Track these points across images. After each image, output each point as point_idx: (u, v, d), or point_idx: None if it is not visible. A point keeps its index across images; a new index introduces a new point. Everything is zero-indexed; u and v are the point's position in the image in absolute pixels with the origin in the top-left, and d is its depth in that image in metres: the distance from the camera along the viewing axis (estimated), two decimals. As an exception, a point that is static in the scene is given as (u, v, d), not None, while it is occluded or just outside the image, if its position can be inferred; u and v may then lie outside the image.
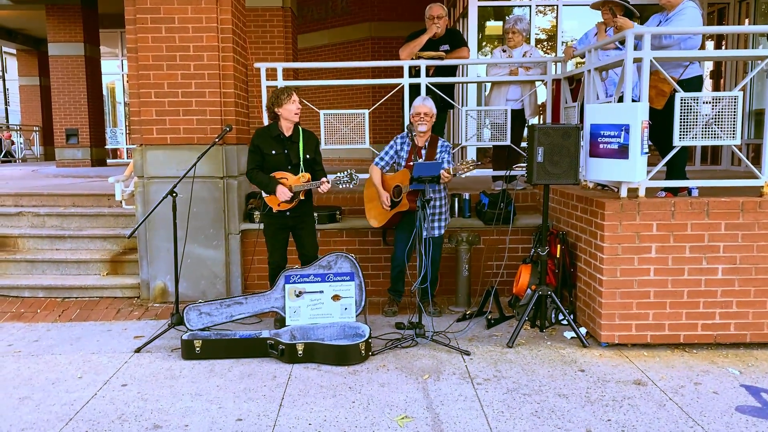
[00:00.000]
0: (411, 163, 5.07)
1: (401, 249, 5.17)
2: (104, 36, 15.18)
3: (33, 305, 5.59)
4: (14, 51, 19.70)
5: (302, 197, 4.70)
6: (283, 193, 4.62)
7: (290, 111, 4.65)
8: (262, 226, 5.70)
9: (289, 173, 4.69)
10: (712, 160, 8.74)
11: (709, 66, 8.97)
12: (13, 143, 19.75)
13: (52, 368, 4.18)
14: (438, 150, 5.01)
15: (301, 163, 4.72)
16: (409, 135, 4.98)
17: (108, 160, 15.49)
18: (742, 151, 6.71)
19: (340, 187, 4.66)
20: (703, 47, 5.43)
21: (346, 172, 4.59)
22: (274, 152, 4.69)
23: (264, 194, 4.75)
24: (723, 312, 4.35)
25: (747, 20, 8.42)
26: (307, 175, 4.69)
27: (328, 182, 4.62)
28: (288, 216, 4.76)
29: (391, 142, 5.19)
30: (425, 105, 5.02)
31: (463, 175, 4.72)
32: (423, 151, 5.05)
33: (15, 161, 19.20)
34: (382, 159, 5.17)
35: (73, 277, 6.00)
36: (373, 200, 5.22)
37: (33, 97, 19.07)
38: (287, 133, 4.72)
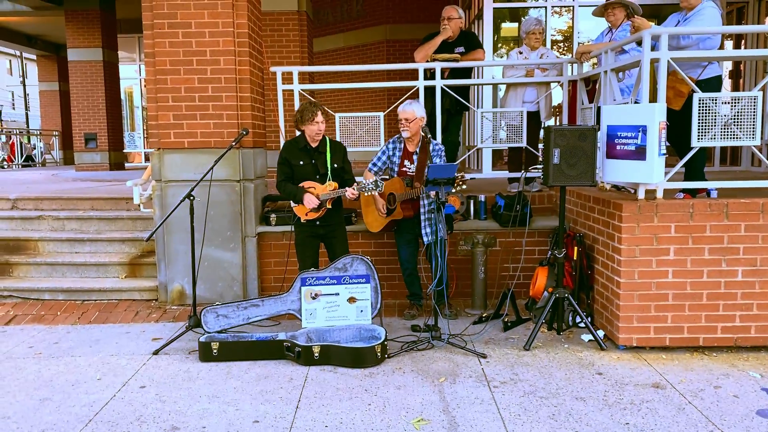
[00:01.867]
0: (403, 169, 5.06)
1: (405, 253, 5.17)
2: (122, 41, 15.37)
3: (53, 308, 5.67)
4: (34, 57, 20.01)
5: (329, 206, 4.74)
6: (310, 201, 4.67)
7: (312, 130, 4.70)
8: (278, 228, 5.74)
9: (316, 183, 4.75)
10: (731, 160, 8.64)
11: (728, 66, 8.87)
12: (34, 148, 20.02)
13: (71, 370, 4.24)
14: (431, 154, 4.96)
15: (329, 172, 4.77)
16: (424, 136, 4.94)
17: (126, 164, 15.65)
18: (762, 152, 6.62)
19: (366, 194, 4.68)
20: (722, 47, 5.37)
21: (371, 180, 4.60)
22: (301, 163, 4.77)
23: (293, 204, 4.82)
24: (743, 315, 4.29)
25: (767, 19, 8.32)
26: (334, 184, 4.74)
27: (354, 189, 4.65)
28: (318, 225, 4.82)
29: (384, 147, 5.19)
30: (405, 110, 4.94)
31: (454, 190, 4.65)
32: (414, 156, 5.02)
33: (35, 165, 19.48)
34: (375, 164, 5.17)
35: (92, 279, 6.07)
36: (369, 205, 5.22)
37: (53, 102, 19.35)
38: (314, 144, 4.77)
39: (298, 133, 4.84)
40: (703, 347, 4.37)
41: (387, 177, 5.19)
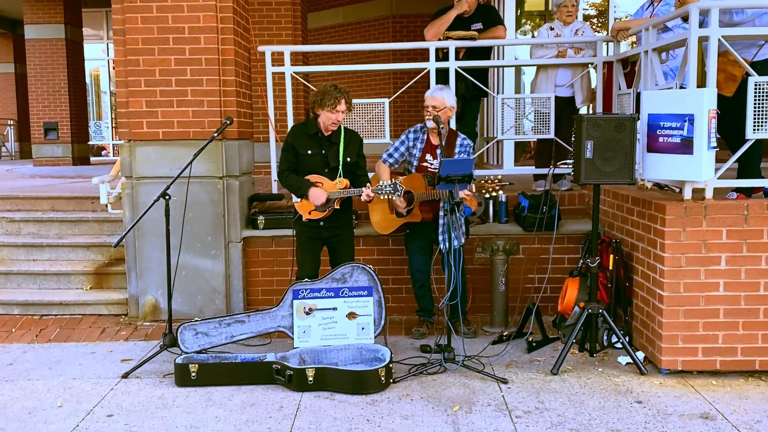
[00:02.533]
0: (424, 164, 5.07)
1: (418, 261, 5.16)
2: (87, 16, 15.40)
3: (7, 324, 5.69)
4: (-14, 34, 20.10)
5: (337, 206, 4.73)
6: (317, 197, 4.64)
7: (328, 119, 4.68)
8: (266, 232, 5.76)
9: (325, 178, 4.74)
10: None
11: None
12: None
13: (28, 395, 4.25)
14: (457, 149, 4.98)
15: (340, 167, 4.77)
16: (438, 127, 4.94)
17: (92, 158, 15.69)
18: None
19: (381, 197, 4.68)
20: (781, 23, 5.39)
21: (389, 182, 4.59)
22: (310, 152, 4.76)
23: (295, 199, 4.81)
24: (807, 334, 4.29)
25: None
26: (346, 182, 4.73)
27: (370, 191, 4.61)
28: (321, 227, 4.81)
29: (402, 137, 5.20)
30: (434, 96, 4.97)
31: (486, 194, 4.67)
32: (438, 150, 5.03)
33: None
34: (391, 155, 5.18)
35: (53, 291, 6.09)
36: (377, 203, 5.21)
37: (7, 87, 19.41)
38: (326, 133, 4.77)
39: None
40: (759, 372, 4.36)
41: (402, 172, 5.22)
